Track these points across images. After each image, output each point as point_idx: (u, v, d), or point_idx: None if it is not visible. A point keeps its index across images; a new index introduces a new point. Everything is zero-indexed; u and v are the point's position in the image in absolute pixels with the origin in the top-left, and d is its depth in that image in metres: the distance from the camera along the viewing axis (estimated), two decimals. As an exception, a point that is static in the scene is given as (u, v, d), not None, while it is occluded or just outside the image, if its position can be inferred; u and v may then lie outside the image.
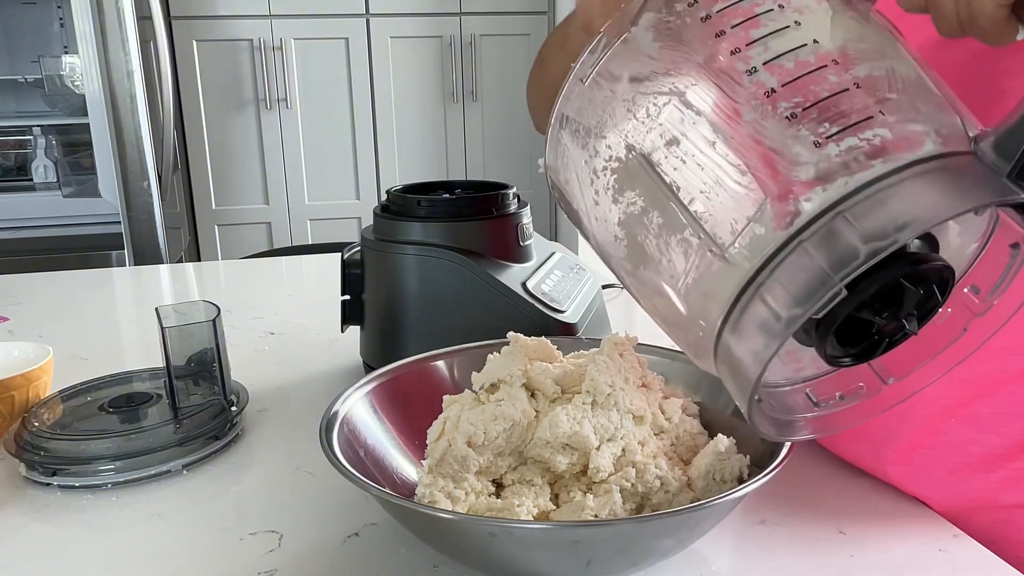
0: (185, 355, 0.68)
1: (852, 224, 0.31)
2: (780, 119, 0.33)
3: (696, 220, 0.34)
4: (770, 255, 0.32)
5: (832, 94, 0.33)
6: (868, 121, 0.32)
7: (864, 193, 0.31)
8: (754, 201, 0.33)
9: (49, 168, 2.58)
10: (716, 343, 0.35)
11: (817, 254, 0.31)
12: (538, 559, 0.44)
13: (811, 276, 0.31)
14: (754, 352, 0.33)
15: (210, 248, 2.98)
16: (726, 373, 0.36)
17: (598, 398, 0.50)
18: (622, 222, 0.38)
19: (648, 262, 0.37)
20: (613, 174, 0.38)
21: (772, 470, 0.44)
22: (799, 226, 0.32)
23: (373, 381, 0.58)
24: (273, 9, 2.82)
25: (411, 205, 0.74)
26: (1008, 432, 0.50)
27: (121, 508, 0.58)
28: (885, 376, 0.40)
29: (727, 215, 0.34)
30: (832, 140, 0.32)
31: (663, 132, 0.36)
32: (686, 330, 0.38)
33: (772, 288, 0.32)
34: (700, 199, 0.34)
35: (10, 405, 0.69)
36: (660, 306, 0.39)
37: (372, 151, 3.01)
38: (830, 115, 0.33)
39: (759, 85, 0.34)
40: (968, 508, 0.53)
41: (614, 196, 0.38)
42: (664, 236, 0.36)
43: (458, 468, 0.49)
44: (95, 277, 1.38)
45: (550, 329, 0.70)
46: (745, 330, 0.33)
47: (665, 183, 0.35)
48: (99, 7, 2.05)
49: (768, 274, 0.32)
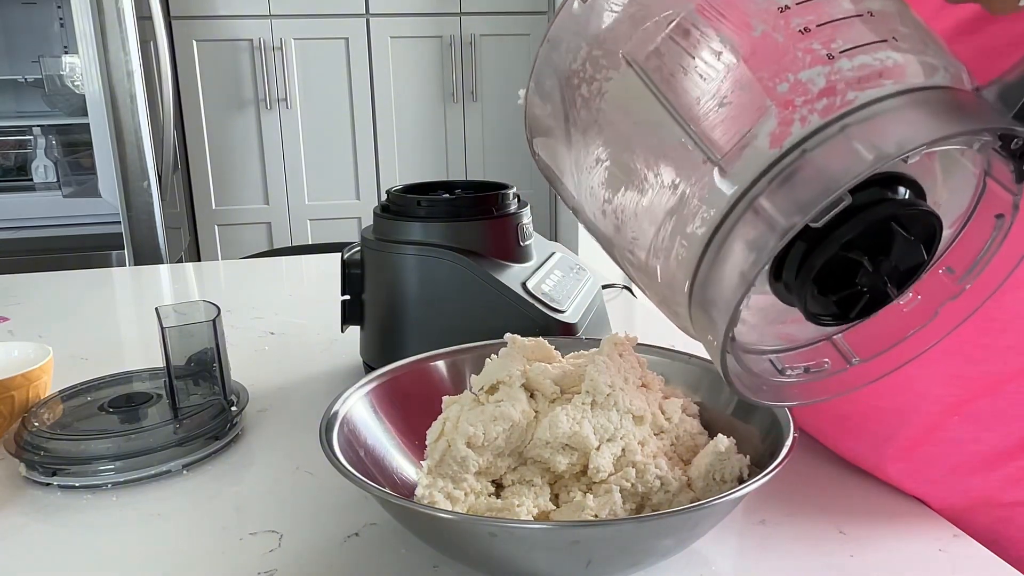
0: (185, 355, 0.68)
1: (857, 136, 0.30)
2: (792, 32, 0.33)
3: (692, 131, 0.33)
4: (772, 162, 0.31)
5: (846, 16, 0.33)
6: (881, 43, 0.32)
7: (871, 109, 0.31)
8: (758, 109, 0.32)
9: (49, 168, 2.58)
10: (697, 266, 0.34)
11: (822, 163, 0.30)
12: (538, 559, 0.44)
13: (814, 184, 0.30)
14: (740, 272, 0.32)
15: (210, 248, 2.98)
16: (701, 311, 0.35)
17: (598, 398, 0.50)
18: (608, 140, 0.37)
19: (631, 181, 0.36)
20: (604, 93, 0.37)
21: (772, 470, 0.44)
22: (804, 135, 0.31)
23: (373, 381, 0.58)
24: (273, 9, 2.82)
25: (411, 205, 0.74)
26: (1009, 431, 0.50)
27: (121, 508, 0.58)
28: (850, 356, 0.40)
29: (727, 124, 0.32)
30: (844, 55, 0.32)
31: (666, 44, 0.35)
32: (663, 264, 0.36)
33: (770, 198, 0.31)
34: (698, 107, 0.33)
35: (10, 405, 0.69)
36: (639, 235, 0.37)
37: (372, 151, 3.01)
38: (843, 34, 0.32)
39: (772, 1, 0.33)
40: (969, 506, 0.53)
41: (604, 114, 0.37)
42: (655, 149, 0.35)
43: (458, 469, 0.49)
44: (95, 277, 1.38)
45: (550, 329, 0.70)
46: (734, 248, 0.32)
47: (662, 93, 0.34)
48: (99, 7, 2.05)
49: (766, 184, 0.31)
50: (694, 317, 0.36)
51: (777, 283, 0.34)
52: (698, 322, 0.36)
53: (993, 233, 0.36)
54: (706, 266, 0.33)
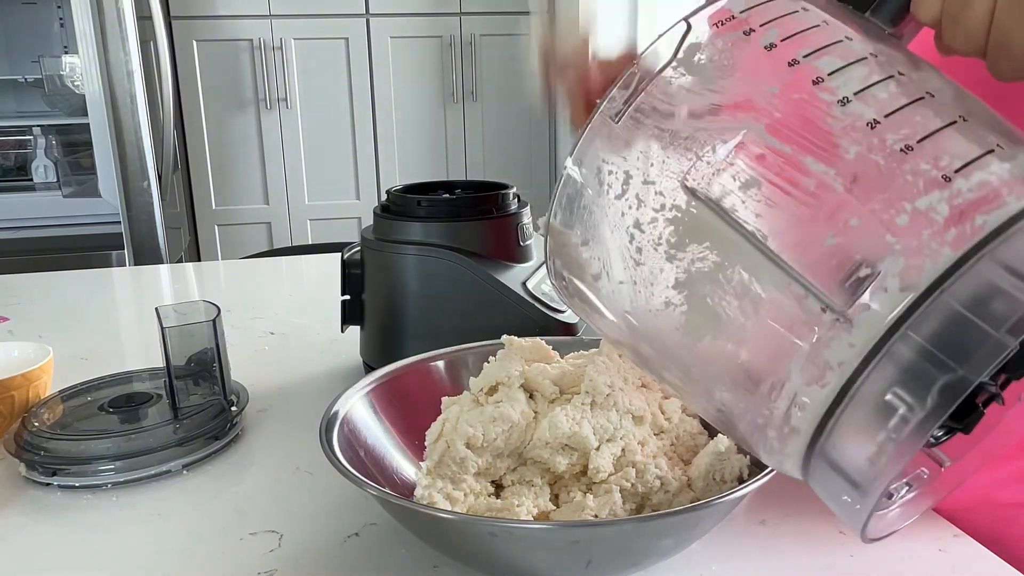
0: (185, 355, 0.68)
1: (1003, 266, 0.26)
2: (893, 152, 0.29)
3: (798, 274, 0.29)
4: (908, 307, 0.27)
5: (944, 125, 0.29)
6: (989, 155, 0.29)
7: (1011, 231, 0.27)
8: (878, 246, 0.28)
9: (49, 168, 2.58)
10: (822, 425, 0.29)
11: (969, 305, 0.26)
12: (538, 559, 0.44)
13: (966, 333, 0.26)
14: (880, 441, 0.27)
15: (210, 248, 2.98)
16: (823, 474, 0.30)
17: (597, 398, 0.50)
18: (680, 283, 0.32)
19: (720, 330, 0.31)
20: (669, 225, 0.32)
21: (772, 470, 0.44)
22: (939, 272, 0.27)
23: (373, 381, 0.58)
24: (273, 9, 2.82)
25: (411, 205, 0.74)
26: (1009, 432, 0.50)
27: (121, 508, 0.58)
28: (941, 460, 0.36)
29: (843, 267, 0.28)
30: (960, 175, 0.28)
31: (737, 172, 0.31)
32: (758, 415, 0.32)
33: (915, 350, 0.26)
34: (801, 248, 0.29)
35: (10, 405, 0.69)
36: (728, 387, 0.33)
37: (372, 151, 3.01)
38: (946, 149, 0.29)
39: (856, 116, 0.30)
40: (970, 507, 0.53)
41: (668, 252, 0.32)
42: (749, 296, 0.30)
43: (457, 469, 0.49)
44: (95, 277, 1.38)
45: (550, 329, 0.70)
46: (864, 411, 0.28)
47: (746, 231, 0.30)
48: (99, 7, 2.05)
49: (905, 334, 0.27)
50: (813, 472, 0.32)
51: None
52: (818, 480, 0.32)
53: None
54: (834, 425, 0.29)
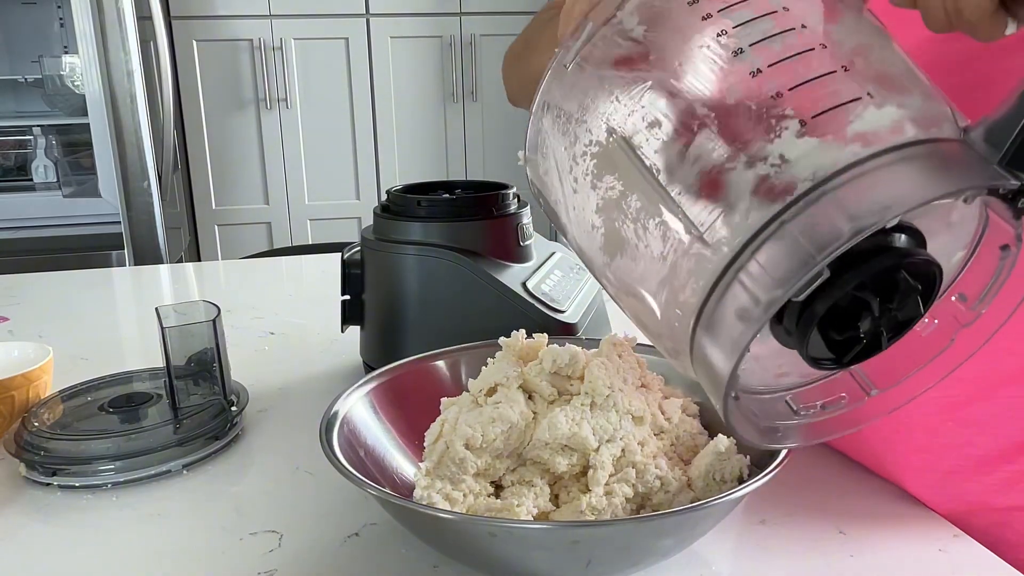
0: (185, 355, 0.68)
1: (836, 204, 0.30)
2: (765, 98, 0.33)
3: (675, 201, 0.34)
4: (750, 236, 0.31)
5: (818, 76, 0.33)
6: (855, 102, 0.32)
7: (849, 174, 0.30)
8: (736, 181, 0.32)
9: (49, 168, 2.58)
10: (692, 334, 0.34)
11: (799, 234, 0.30)
12: (538, 559, 0.44)
13: (793, 257, 0.30)
14: (731, 340, 0.32)
15: (210, 248, 2.98)
16: (702, 371, 0.35)
17: (597, 399, 0.50)
18: (600, 208, 0.37)
19: (625, 249, 0.37)
20: (593, 159, 0.37)
21: (772, 470, 0.44)
22: (781, 207, 0.31)
23: (373, 381, 0.58)
24: (273, 9, 2.82)
25: (411, 205, 0.75)
26: (1004, 435, 0.50)
27: (121, 508, 0.58)
28: (868, 387, 0.40)
29: (707, 196, 0.33)
30: (819, 119, 0.31)
31: (645, 114, 0.35)
32: (662, 324, 0.37)
33: (752, 270, 0.31)
34: (678, 179, 0.34)
35: (10, 405, 0.69)
36: (636, 298, 0.38)
37: (372, 151, 3.01)
38: (817, 96, 0.32)
39: (746, 65, 0.33)
40: (966, 510, 0.53)
41: (593, 182, 0.37)
42: (642, 220, 0.35)
43: (456, 470, 0.49)
44: (95, 277, 1.38)
45: (550, 329, 0.70)
46: (723, 318, 0.32)
47: (645, 166, 0.35)
48: (99, 7, 2.05)
49: (748, 256, 0.31)
50: (698, 375, 0.36)
51: (778, 326, 0.34)
52: (702, 380, 0.36)
53: (1000, 263, 0.36)
54: (701, 332, 0.34)
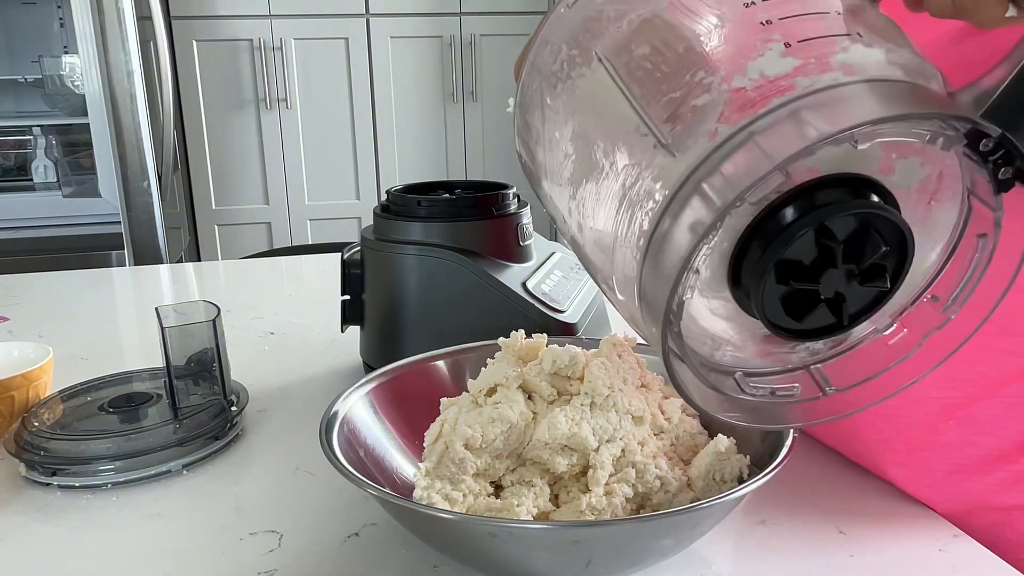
0: (185, 355, 0.68)
1: (806, 118, 0.29)
2: (754, 24, 0.33)
3: (647, 117, 0.34)
4: (717, 145, 0.31)
5: (813, 12, 0.33)
6: (844, 37, 0.32)
7: (825, 95, 0.30)
8: (713, 96, 0.32)
9: (49, 168, 2.58)
10: (644, 257, 0.33)
11: (765, 142, 0.30)
12: (538, 559, 0.44)
13: (751, 161, 0.30)
14: (680, 255, 0.31)
15: (210, 248, 2.98)
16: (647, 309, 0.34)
17: (596, 399, 0.50)
18: (575, 134, 0.38)
19: (591, 171, 0.36)
20: (577, 80, 0.37)
21: (772, 470, 0.44)
22: (752, 117, 0.30)
23: (373, 381, 0.58)
24: (273, 9, 2.82)
25: (411, 205, 0.75)
26: (1005, 434, 0.50)
27: (121, 508, 0.58)
28: (824, 384, 0.38)
29: (683, 111, 0.32)
30: (804, 44, 0.31)
31: (632, 39, 0.35)
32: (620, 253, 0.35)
33: (715, 182, 0.30)
34: (658, 97, 0.34)
35: (10, 405, 0.69)
36: (595, 237, 0.37)
37: (372, 151, 3.01)
38: (806, 27, 0.32)
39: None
40: (967, 510, 0.53)
41: (573, 108, 0.38)
42: (613, 138, 0.35)
43: (455, 470, 0.49)
44: (95, 277, 1.38)
45: (550, 329, 0.70)
46: (677, 234, 0.31)
47: (626, 85, 0.35)
48: (99, 7, 2.05)
49: (713, 165, 0.31)
50: (644, 316, 0.35)
51: (738, 290, 0.34)
52: (646, 319, 0.35)
53: (976, 255, 0.35)
54: (652, 255, 0.33)
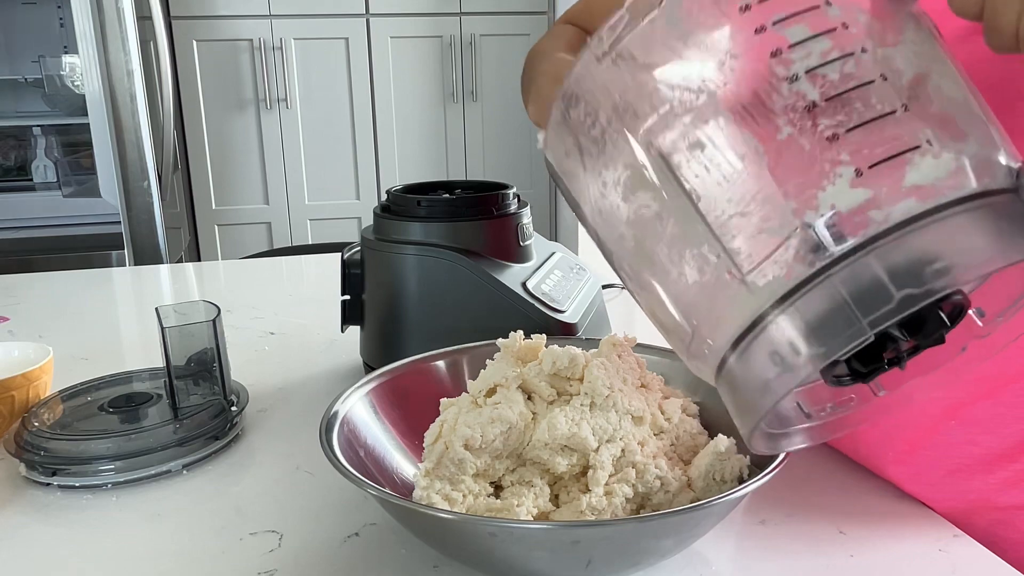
0: (185, 355, 0.68)
1: (886, 265, 0.29)
2: (820, 138, 0.31)
3: (716, 237, 0.32)
4: (795, 286, 0.30)
5: (879, 116, 0.31)
6: (913, 151, 0.30)
7: (902, 231, 0.29)
8: (783, 227, 0.31)
9: (49, 168, 2.58)
10: (721, 364, 0.34)
11: (846, 293, 0.29)
12: (538, 559, 0.44)
13: (838, 316, 0.29)
14: (765, 381, 0.31)
15: (210, 248, 2.98)
16: (727, 391, 0.35)
17: (596, 400, 0.50)
18: (631, 222, 0.36)
19: (655, 269, 0.35)
20: (627, 169, 0.35)
21: (772, 470, 0.44)
22: (829, 259, 0.30)
23: (373, 381, 0.58)
24: (273, 9, 2.82)
25: (411, 205, 0.74)
26: (1007, 434, 0.50)
27: (121, 508, 0.58)
28: (877, 388, 0.39)
29: (751, 236, 0.31)
30: (874, 169, 0.30)
31: (686, 133, 0.33)
32: (685, 340, 0.36)
33: (793, 319, 0.30)
34: (722, 214, 0.32)
35: (10, 405, 0.69)
36: (660, 313, 0.37)
37: (372, 151, 3.01)
38: (874, 140, 0.30)
39: (799, 96, 0.31)
40: (968, 509, 0.53)
41: (625, 194, 0.36)
42: (677, 247, 0.34)
43: (455, 471, 0.49)
44: (95, 277, 1.38)
45: (550, 329, 0.70)
46: (756, 357, 0.32)
47: (684, 190, 0.33)
48: (99, 7, 2.05)
49: (790, 305, 0.30)
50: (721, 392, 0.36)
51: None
52: (728, 402, 0.36)
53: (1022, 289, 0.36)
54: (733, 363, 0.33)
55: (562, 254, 0.85)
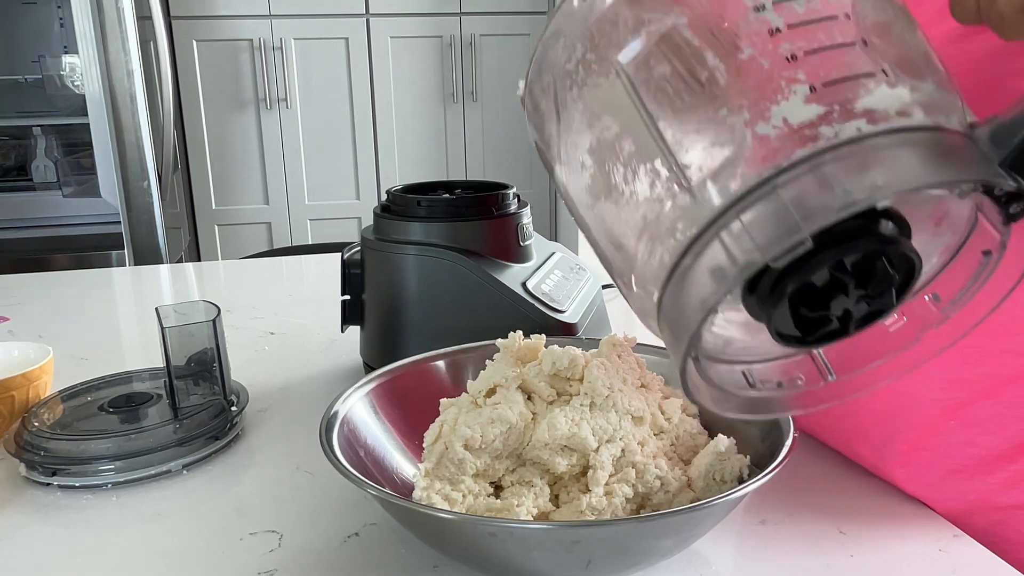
0: (185, 355, 0.68)
1: (830, 177, 0.29)
2: (779, 58, 0.31)
3: (669, 149, 0.33)
4: (739, 195, 0.31)
5: (836, 44, 0.32)
6: (869, 76, 0.31)
7: (849, 149, 0.30)
8: (735, 139, 0.31)
9: (49, 168, 2.58)
10: (664, 287, 0.34)
11: (789, 201, 0.30)
12: (538, 559, 0.44)
13: (779, 223, 0.30)
14: (701, 298, 0.31)
15: (210, 248, 2.98)
16: (667, 328, 0.35)
17: (596, 400, 0.50)
18: (592, 148, 0.36)
19: (610, 192, 0.36)
20: (593, 89, 0.36)
21: (772, 470, 0.44)
22: (775, 170, 0.30)
23: (373, 381, 0.58)
24: (273, 9, 2.82)
25: (411, 205, 0.75)
26: (1007, 434, 0.50)
27: (121, 508, 0.58)
28: (826, 372, 0.39)
29: (703, 150, 0.32)
30: (829, 88, 0.31)
31: (652, 55, 0.34)
32: (635, 275, 0.36)
33: (734, 230, 0.31)
34: (677, 129, 0.33)
35: (10, 405, 0.69)
36: (613, 245, 0.37)
37: (372, 151, 3.01)
38: (832, 64, 0.31)
39: (764, 22, 0.32)
40: (967, 509, 0.53)
41: (590, 119, 0.36)
42: (632, 164, 0.34)
43: (455, 471, 0.49)
44: (95, 277, 1.38)
45: (550, 329, 0.70)
46: (697, 275, 0.32)
47: (645, 108, 0.34)
48: (99, 7, 2.05)
49: (733, 215, 0.31)
50: (663, 332, 0.36)
51: (750, 297, 0.34)
52: (666, 338, 0.36)
53: (979, 269, 0.36)
54: (673, 287, 0.33)
55: (562, 254, 0.85)
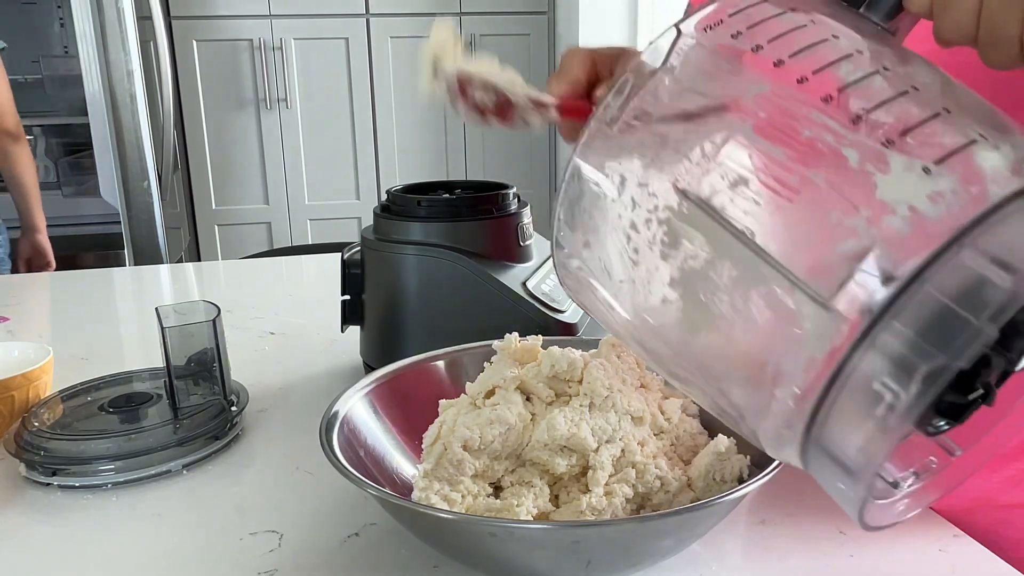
0: (185, 355, 0.68)
1: (984, 255, 0.26)
2: (874, 145, 0.29)
3: (784, 269, 0.29)
4: (891, 296, 0.27)
5: (926, 119, 0.29)
6: (971, 145, 0.28)
7: (991, 219, 0.27)
8: (858, 239, 0.28)
9: (49, 168, 2.58)
10: (812, 415, 0.30)
11: (949, 294, 0.26)
12: (538, 559, 0.44)
13: (949, 320, 0.26)
14: (876, 420, 0.27)
15: (210, 248, 2.98)
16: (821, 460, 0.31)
17: (595, 400, 0.50)
18: (676, 281, 0.33)
19: (714, 325, 0.32)
20: (662, 225, 0.33)
21: (772, 470, 0.44)
22: (920, 263, 0.27)
23: (373, 381, 0.58)
24: (273, 9, 2.82)
25: (411, 205, 0.75)
26: (1008, 433, 0.50)
27: (121, 508, 0.58)
28: (951, 448, 0.36)
29: (825, 257, 0.28)
30: (942, 167, 0.28)
31: (725, 172, 0.31)
32: (760, 406, 0.32)
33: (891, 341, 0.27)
34: (784, 244, 0.30)
35: (10, 405, 0.69)
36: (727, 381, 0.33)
37: (372, 151, 3.01)
38: (929, 139, 0.29)
39: (843, 110, 0.30)
40: (968, 508, 0.53)
41: (663, 251, 0.33)
42: (740, 290, 0.31)
43: (454, 472, 0.49)
44: (95, 277, 1.38)
45: (550, 329, 0.70)
46: (853, 399, 0.28)
47: (736, 228, 0.31)
48: (99, 7, 2.05)
49: (886, 322, 0.27)
50: (811, 461, 0.32)
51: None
52: (820, 472, 0.32)
53: None
54: (825, 414, 0.30)
55: (562, 254, 0.85)
